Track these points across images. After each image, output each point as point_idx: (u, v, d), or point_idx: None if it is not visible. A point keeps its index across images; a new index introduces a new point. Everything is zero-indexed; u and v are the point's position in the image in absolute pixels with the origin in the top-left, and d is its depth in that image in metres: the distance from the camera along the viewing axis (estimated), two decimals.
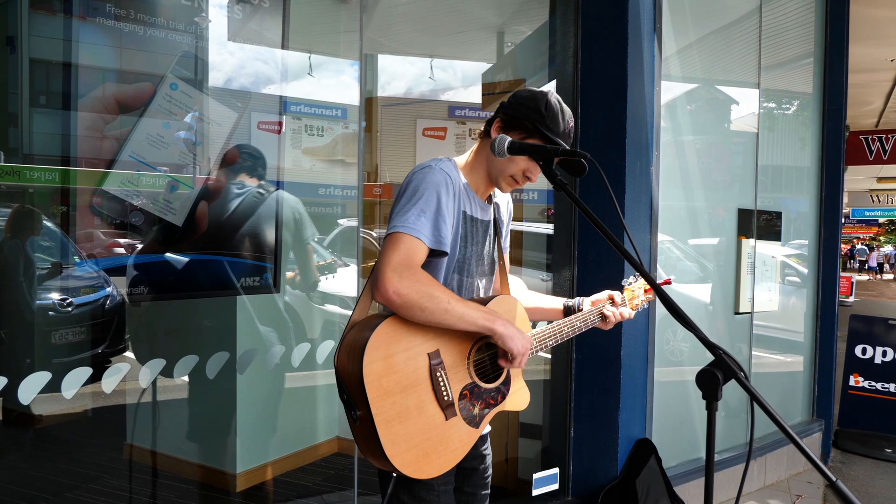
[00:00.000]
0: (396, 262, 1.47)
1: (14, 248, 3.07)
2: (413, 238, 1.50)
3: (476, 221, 1.70)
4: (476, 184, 1.72)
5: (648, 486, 3.16)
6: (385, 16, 4.16)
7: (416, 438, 1.48)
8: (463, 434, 1.57)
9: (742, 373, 1.36)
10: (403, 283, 1.44)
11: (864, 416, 5.11)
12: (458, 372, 1.58)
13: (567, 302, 1.93)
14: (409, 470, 1.47)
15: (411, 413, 1.47)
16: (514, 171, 1.67)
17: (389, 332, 1.47)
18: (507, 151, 1.64)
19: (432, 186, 1.55)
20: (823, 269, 4.87)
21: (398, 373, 1.46)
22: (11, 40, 4.28)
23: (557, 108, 1.66)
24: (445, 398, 1.53)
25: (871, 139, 9.59)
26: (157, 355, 2.25)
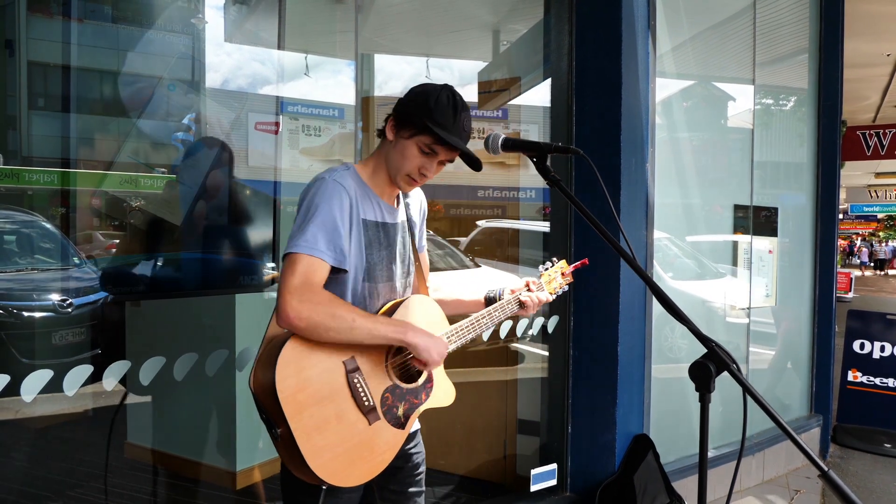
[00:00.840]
0: (295, 285, 1.44)
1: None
2: (310, 258, 1.48)
3: (383, 226, 1.68)
4: (380, 187, 1.69)
5: (646, 481, 3.18)
6: (381, 15, 4.17)
7: (340, 447, 1.48)
8: (389, 437, 1.58)
9: (735, 365, 1.37)
10: (304, 307, 1.42)
11: (863, 411, 5.12)
12: (378, 376, 1.57)
13: (488, 293, 1.93)
14: (336, 479, 1.46)
15: (331, 423, 1.46)
16: (410, 168, 1.63)
17: (300, 347, 1.45)
18: (501, 149, 1.66)
19: (325, 201, 1.53)
20: (820, 265, 4.88)
21: (313, 385, 1.45)
22: (10, 43, 4.30)
23: (447, 103, 1.61)
24: (366, 403, 1.53)
25: (869, 134, 9.60)
26: (157, 353, 2.26)
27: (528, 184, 4.47)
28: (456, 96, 1.64)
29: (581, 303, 3.28)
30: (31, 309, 3.62)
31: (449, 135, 1.59)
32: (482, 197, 5.46)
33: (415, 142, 1.61)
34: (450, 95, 1.63)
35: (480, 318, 1.80)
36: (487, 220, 5.95)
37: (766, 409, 1.28)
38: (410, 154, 1.62)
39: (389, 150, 1.66)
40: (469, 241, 6.20)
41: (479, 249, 6.11)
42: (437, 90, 1.63)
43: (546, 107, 3.51)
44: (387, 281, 1.69)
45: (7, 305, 3.56)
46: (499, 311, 1.84)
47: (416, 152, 1.62)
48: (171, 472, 3.00)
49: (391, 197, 1.73)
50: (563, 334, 3.33)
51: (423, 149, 1.61)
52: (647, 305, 3.33)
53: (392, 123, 1.65)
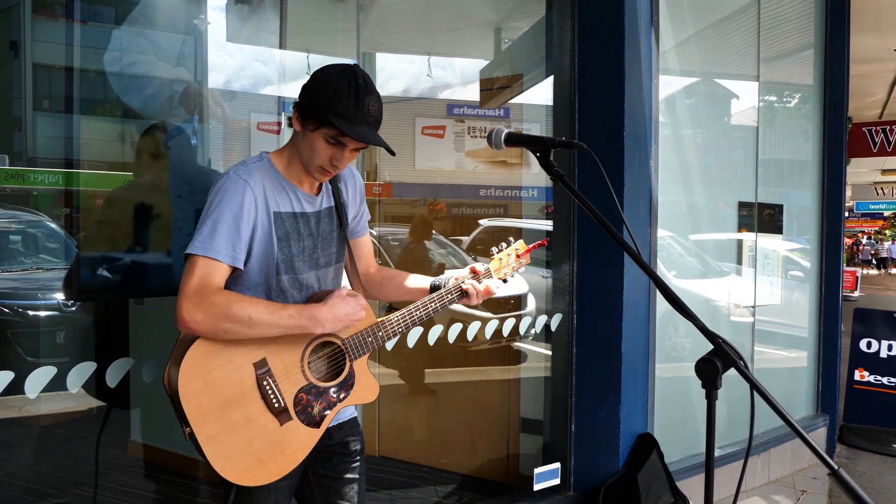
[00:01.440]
0: (191, 289, 1.43)
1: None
2: (207, 259, 1.46)
3: (302, 216, 1.63)
4: (296, 176, 1.64)
5: (650, 480, 3.16)
6: (382, 14, 4.17)
7: (247, 449, 1.47)
8: (302, 436, 1.56)
9: (742, 362, 1.35)
10: (198, 310, 1.41)
11: (870, 410, 5.08)
12: (292, 376, 1.55)
13: (434, 281, 1.83)
14: (243, 480, 1.47)
15: (239, 426, 1.46)
16: (321, 161, 1.57)
17: (206, 349, 1.44)
18: (505, 143, 1.65)
19: (227, 198, 1.50)
20: (826, 263, 4.85)
21: (219, 388, 1.45)
22: (15, 45, 4.32)
23: (348, 90, 1.51)
24: (276, 405, 1.51)
25: (875, 131, 9.53)
26: (160, 351, 2.26)
27: (531, 183, 4.47)
28: (358, 80, 1.53)
29: (584, 301, 3.27)
30: (36, 308, 3.64)
31: (351, 126, 1.51)
32: (484, 196, 5.46)
33: (320, 134, 1.54)
34: (351, 79, 1.53)
35: (417, 308, 1.72)
36: (489, 219, 5.94)
37: (773, 406, 1.25)
38: (319, 146, 1.55)
39: (298, 140, 1.60)
40: (471, 240, 6.19)
41: (481, 248, 6.10)
42: (337, 76, 1.53)
43: (548, 105, 3.50)
44: (312, 270, 1.66)
45: (12, 304, 3.58)
46: (435, 301, 1.74)
47: (323, 144, 1.55)
48: (173, 469, 3.00)
49: (311, 185, 1.68)
50: (567, 332, 3.32)
51: (329, 140, 1.55)
52: (650, 303, 3.32)
53: (296, 115, 1.59)
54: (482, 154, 5.01)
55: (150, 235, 2.81)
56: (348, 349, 1.64)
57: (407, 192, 5.36)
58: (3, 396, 1.89)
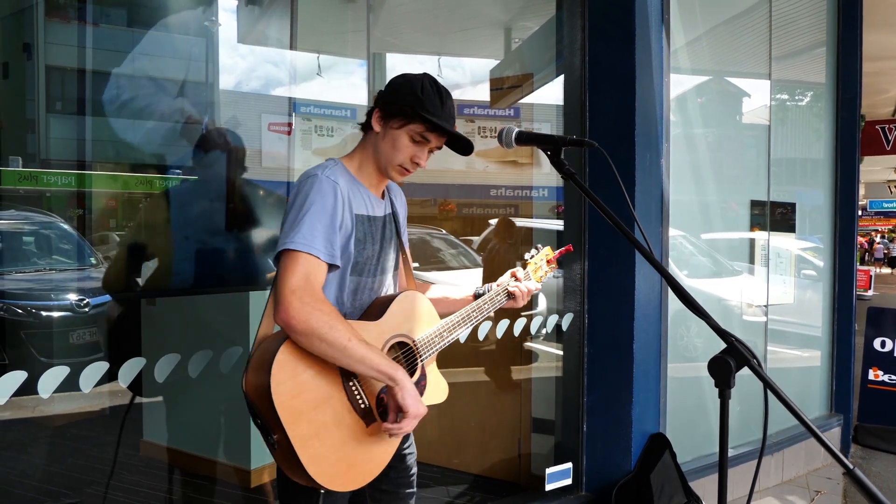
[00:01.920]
0: (296, 284, 1.42)
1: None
2: (309, 256, 1.46)
3: (373, 220, 1.66)
4: (368, 180, 1.68)
5: (663, 480, 3.15)
6: (392, 14, 4.17)
7: (339, 452, 1.45)
8: (386, 438, 1.56)
9: (755, 360, 1.34)
10: (305, 310, 1.39)
11: (885, 410, 5.02)
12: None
13: (477, 290, 1.91)
14: (336, 484, 1.44)
15: (329, 428, 1.44)
16: (402, 159, 1.63)
17: (294, 351, 1.42)
18: (515, 142, 1.65)
19: (320, 197, 1.52)
20: (840, 262, 4.81)
21: (309, 390, 1.42)
22: (28, 47, 4.35)
23: (433, 90, 1.62)
24: (362, 406, 1.51)
25: (888, 128, 9.43)
26: (171, 351, 2.27)
27: (541, 182, 4.45)
28: (438, 83, 1.65)
29: (596, 300, 3.26)
30: (49, 308, 3.67)
31: (441, 120, 1.60)
32: (495, 196, 5.44)
33: (406, 131, 1.61)
34: (433, 82, 1.64)
35: (471, 311, 1.80)
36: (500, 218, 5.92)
37: (787, 405, 1.24)
38: (402, 144, 1.62)
39: (377, 141, 1.65)
40: (482, 239, 6.19)
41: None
42: (420, 79, 1.64)
43: (559, 105, 3.49)
44: (375, 275, 1.68)
45: (26, 305, 3.61)
46: (488, 303, 1.84)
47: (407, 142, 1.62)
48: (185, 469, 3.02)
49: (378, 189, 1.73)
50: (578, 332, 3.30)
51: (414, 137, 1.62)
52: (662, 302, 3.30)
53: (379, 115, 1.64)
54: (493, 154, 5.00)
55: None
56: (420, 350, 1.67)
57: (417, 193, 5.36)
58: (17, 397, 1.90)
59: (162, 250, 2.85)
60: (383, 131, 1.63)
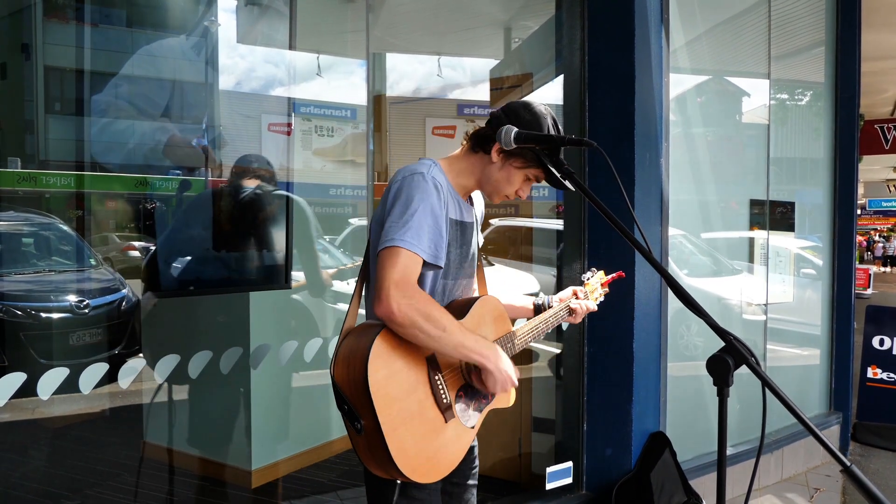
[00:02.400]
0: (397, 278, 1.45)
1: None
2: (411, 254, 1.48)
3: (462, 224, 1.70)
4: (462, 187, 1.72)
5: (663, 479, 3.15)
6: (392, 14, 4.17)
7: (422, 443, 1.49)
8: (461, 434, 1.60)
9: (753, 358, 1.35)
10: (405, 301, 1.44)
11: (884, 407, 5.04)
12: (453, 374, 1.60)
13: (536, 300, 1.99)
14: (417, 475, 1.47)
15: (415, 418, 1.47)
16: (510, 191, 1.69)
17: (390, 339, 1.47)
18: (514, 142, 1.65)
19: (427, 198, 1.53)
20: (839, 261, 4.82)
21: (401, 379, 1.46)
22: (26, 47, 4.34)
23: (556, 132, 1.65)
24: (444, 401, 1.54)
25: (887, 128, 9.45)
26: (171, 352, 2.27)
27: (542, 182, 4.46)
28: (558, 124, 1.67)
29: None
30: (49, 310, 3.66)
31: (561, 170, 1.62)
32: None
33: (524, 172, 1.65)
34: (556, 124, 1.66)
35: (540, 323, 1.87)
36: (500, 218, 5.93)
37: (785, 403, 1.25)
38: (516, 180, 1.66)
39: (491, 170, 1.67)
40: (483, 239, 6.19)
41: (492, 248, 6.09)
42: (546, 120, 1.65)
43: (559, 104, 3.49)
44: (457, 279, 1.72)
45: (25, 306, 3.60)
46: (553, 317, 1.91)
47: (521, 179, 1.67)
48: (187, 471, 3.02)
49: (467, 196, 1.76)
50: (578, 331, 3.31)
51: (529, 177, 1.67)
52: (662, 301, 3.30)
53: (500, 149, 1.64)
54: None
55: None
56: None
57: None
58: (17, 399, 1.90)
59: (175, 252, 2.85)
60: (501, 164, 1.66)
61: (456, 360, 1.60)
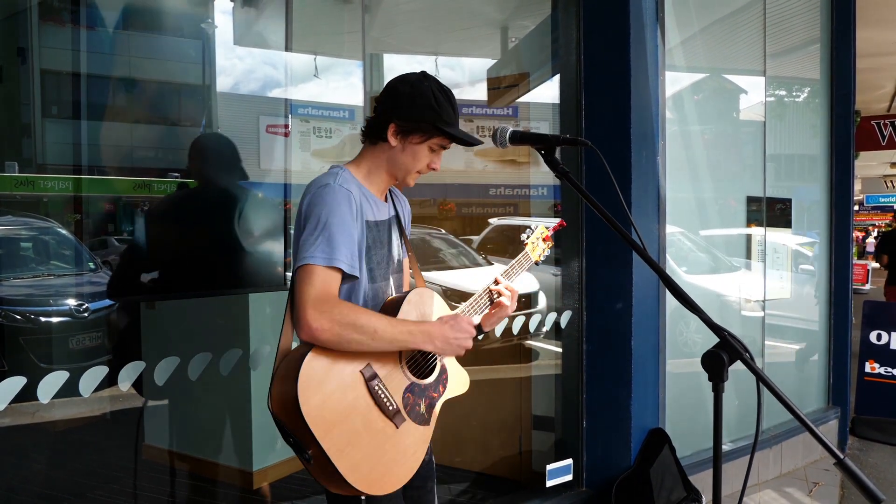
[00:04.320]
0: (314, 296, 1.43)
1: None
2: (325, 269, 1.46)
3: (380, 224, 1.67)
4: (375, 186, 1.69)
5: (663, 475, 3.16)
6: (389, 14, 4.18)
7: (375, 457, 1.47)
8: (417, 436, 1.58)
9: (747, 354, 1.36)
10: (325, 319, 1.41)
11: (882, 402, 5.06)
12: (395, 378, 1.56)
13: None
14: (376, 489, 1.46)
15: (361, 435, 1.45)
16: (421, 166, 1.67)
17: (318, 360, 1.43)
18: (509, 142, 1.66)
19: (337, 208, 1.51)
20: (836, 256, 4.84)
21: (336, 400, 1.43)
22: (22, 51, 4.34)
23: (444, 98, 1.62)
24: (390, 408, 1.51)
25: (884, 124, 9.47)
26: (171, 354, 2.28)
27: (540, 181, 4.47)
28: (444, 87, 1.64)
29: (594, 297, 3.27)
30: (49, 314, 3.66)
31: (458, 130, 1.63)
32: (494, 195, 5.45)
33: (427, 144, 1.64)
34: (441, 89, 1.63)
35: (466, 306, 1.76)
36: (499, 217, 5.94)
37: (779, 398, 1.26)
38: (422, 155, 1.65)
39: (395, 155, 1.65)
40: (481, 239, 6.20)
41: (491, 247, 6.11)
42: (429, 87, 1.62)
43: (555, 103, 3.50)
44: (386, 280, 1.69)
45: (25, 311, 3.60)
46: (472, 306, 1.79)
47: (426, 153, 1.65)
48: (188, 472, 3.02)
49: (382, 193, 1.74)
50: (577, 329, 3.32)
51: (433, 148, 1.65)
52: (660, 299, 3.32)
53: (395, 130, 1.62)
54: (491, 153, 5.01)
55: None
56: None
57: (416, 193, 5.35)
58: (17, 403, 1.90)
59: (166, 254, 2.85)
60: (402, 146, 1.64)
61: (395, 362, 1.57)
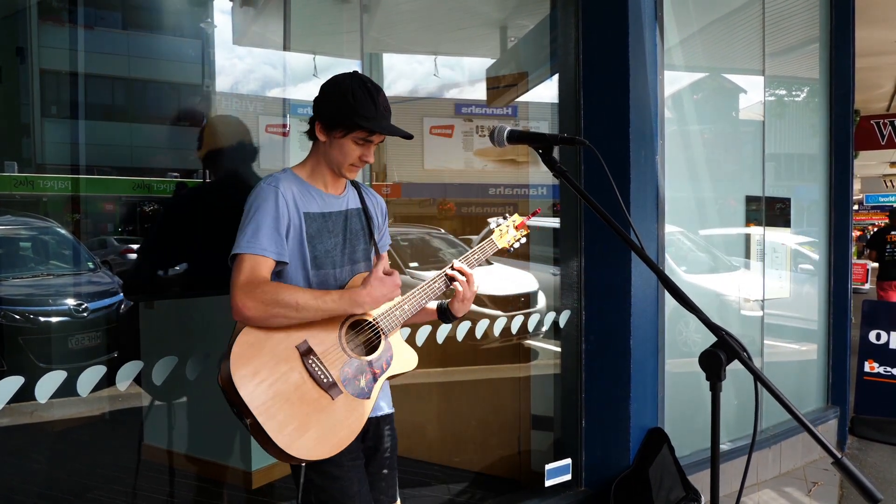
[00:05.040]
0: (242, 281, 1.58)
1: None
2: (252, 256, 1.61)
3: (327, 216, 1.79)
4: (322, 181, 1.82)
5: (662, 475, 3.16)
6: (388, 14, 4.17)
7: (309, 425, 1.57)
8: (355, 406, 1.67)
9: (745, 353, 1.36)
10: (249, 298, 1.55)
11: (881, 402, 5.06)
12: (334, 353, 1.67)
13: (442, 302, 2.00)
14: (312, 455, 1.56)
15: (294, 404, 1.56)
16: (352, 160, 1.76)
17: (251, 339, 1.57)
18: (507, 141, 1.67)
19: (263, 203, 1.67)
20: (835, 256, 4.83)
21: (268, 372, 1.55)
22: (21, 51, 4.34)
23: (364, 94, 1.71)
24: (325, 381, 1.62)
25: (883, 123, 9.47)
26: (170, 353, 2.28)
27: (539, 181, 4.47)
28: (367, 83, 1.74)
29: (593, 297, 3.27)
30: (48, 314, 3.66)
31: (380, 124, 1.71)
32: (493, 195, 5.46)
33: (349, 138, 1.73)
34: (361, 84, 1.73)
35: (416, 290, 1.85)
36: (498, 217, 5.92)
37: (777, 397, 1.27)
38: (348, 149, 1.74)
39: (326, 150, 1.77)
40: (480, 238, 6.20)
41: None
42: (350, 84, 1.72)
43: (554, 103, 3.50)
44: (342, 266, 1.81)
45: (24, 311, 3.60)
46: (428, 287, 1.86)
47: (352, 146, 1.74)
48: (187, 472, 3.02)
49: (336, 188, 1.85)
50: (576, 329, 3.32)
51: (357, 141, 1.74)
52: (659, 298, 3.32)
53: (320, 127, 1.75)
54: (490, 153, 5.01)
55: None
56: (380, 324, 1.78)
57: (416, 193, 5.36)
58: (16, 403, 1.90)
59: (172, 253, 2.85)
60: (329, 140, 1.75)
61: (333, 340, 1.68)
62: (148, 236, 3.25)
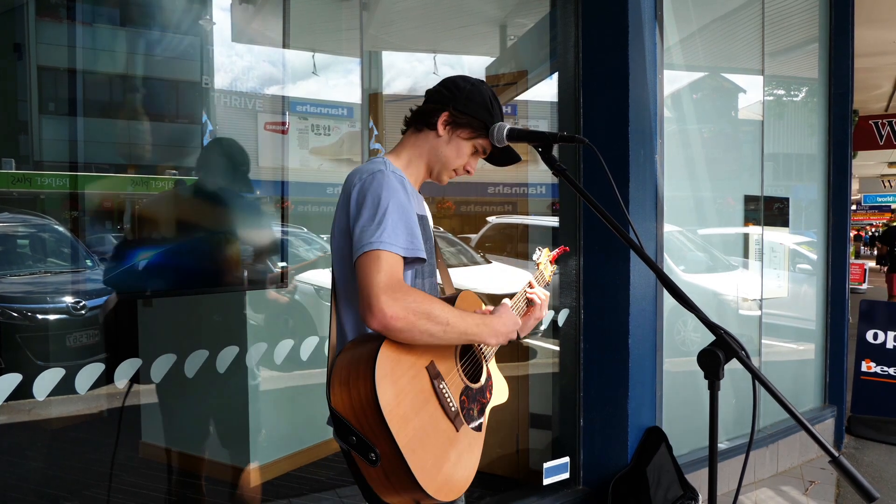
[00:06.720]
0: (385, 283, 1.33)
1: None
2: (391, 254, 1.37)
3: (423, 219, 1.59)
4: (413, 177, 1.64)
5: (659, 473, 3.17)
6: (387, 12, 4.17)
7: (441, 459, 1.37)
8: (473, 440, 1.50)
9: (743, 352, 1.36)
10: (398, 306, 1.31)
11: (878, 401, 5.07)
12: (453, 379, 1.49)
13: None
14: (442, 494, 1.34)
15: (430, 435, 1.35)
16: (459, 164, 1.65)
17: (391, 356, 1.33)
18: (506, 139, 1.65)
19: (394, 194, 1.43)
20: (833, 256, 4.84)
21: (408, 395, 1.34)
22: (19, 47, 4.33)
23: (497, 106, 1.65)
24: (452, 409, 1.44)
25: (881, 123, 9.50)
26: (168, 352, 2.28)
27: (538, 179, 4.47)
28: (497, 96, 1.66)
29: (591, 296, 3.27)
30: (45, 311, 3.66)
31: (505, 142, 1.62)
32: (492, 193, 5.46)
33: (473, 143, 1.63)
34: (495, 96, 1.64)
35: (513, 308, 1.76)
36: (497, 216, 5.95)
37: (775, 395, 1.27)
38: (465, 153, 1.63)
39: (439, 145, 1.62)
40: (479, 237, 6.20)
41: (489, 246, 6.11)
42: (489, 93, 1.64)
43: (553, 102, 3.50)
44: (430, 276, 1.64)
45: (21, 308, 3.60)
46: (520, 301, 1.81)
47: (469, 151, 1.64)
48: (185, 470, 3.02)
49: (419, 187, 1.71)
50: (574, 328, 3.32)
51: (477, 148, 1.65)
52: (657, 297, 3.32)
53: (447, 120, 1.60)
54: None
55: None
56: (483, 351, 1.65)
57: None
58: (13, 400, 1.90)
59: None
60: (448, 137, 1.61)
61: (451, 363, 1.51)
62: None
